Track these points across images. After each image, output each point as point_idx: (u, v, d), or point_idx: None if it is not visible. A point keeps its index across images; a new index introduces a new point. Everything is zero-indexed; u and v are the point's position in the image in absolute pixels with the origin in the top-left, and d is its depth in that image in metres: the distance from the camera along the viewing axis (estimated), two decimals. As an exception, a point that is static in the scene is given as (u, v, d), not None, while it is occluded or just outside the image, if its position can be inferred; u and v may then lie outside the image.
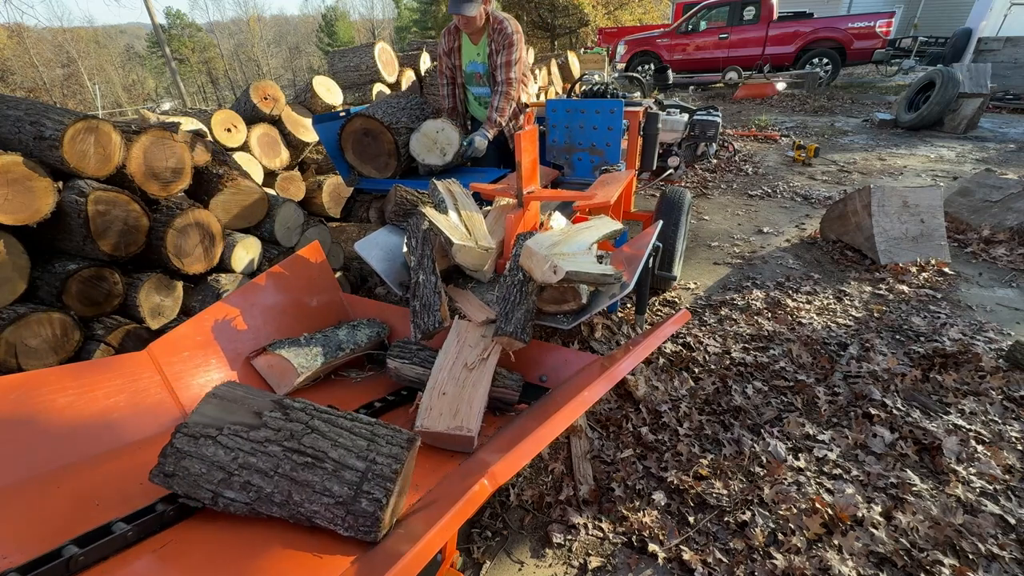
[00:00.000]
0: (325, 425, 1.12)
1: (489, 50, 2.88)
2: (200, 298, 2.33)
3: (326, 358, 1.80)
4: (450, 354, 1.71)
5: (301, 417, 1.13)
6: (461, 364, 1.67)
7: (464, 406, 1.52)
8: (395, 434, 1.13)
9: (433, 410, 1.52)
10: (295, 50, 46.00)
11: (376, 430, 1.13)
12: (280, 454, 1.06)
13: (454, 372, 1.64)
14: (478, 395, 1.55)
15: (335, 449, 1.07)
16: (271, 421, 1.11)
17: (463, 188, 2.29)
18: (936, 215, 3.48)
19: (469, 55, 3.02)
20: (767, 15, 11.11)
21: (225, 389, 1.19)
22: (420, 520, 1.00)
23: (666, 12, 20.14)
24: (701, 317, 2.96)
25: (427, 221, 1.93)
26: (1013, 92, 9.38)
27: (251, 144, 3.36)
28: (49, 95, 26.26)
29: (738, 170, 6.00)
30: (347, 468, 1.04)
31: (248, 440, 1.08)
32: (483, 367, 1.65)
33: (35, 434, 1.22)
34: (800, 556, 1.56)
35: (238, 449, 1.07)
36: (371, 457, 1.06)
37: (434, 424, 1.48)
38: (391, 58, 4.62)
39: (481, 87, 3.11)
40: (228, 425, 1.10)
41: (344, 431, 1.11)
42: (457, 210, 2.09)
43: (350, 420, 1.15)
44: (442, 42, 3.05)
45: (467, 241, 1.93)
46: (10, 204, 1.76)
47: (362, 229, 3.29)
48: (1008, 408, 2.13)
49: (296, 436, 1.08)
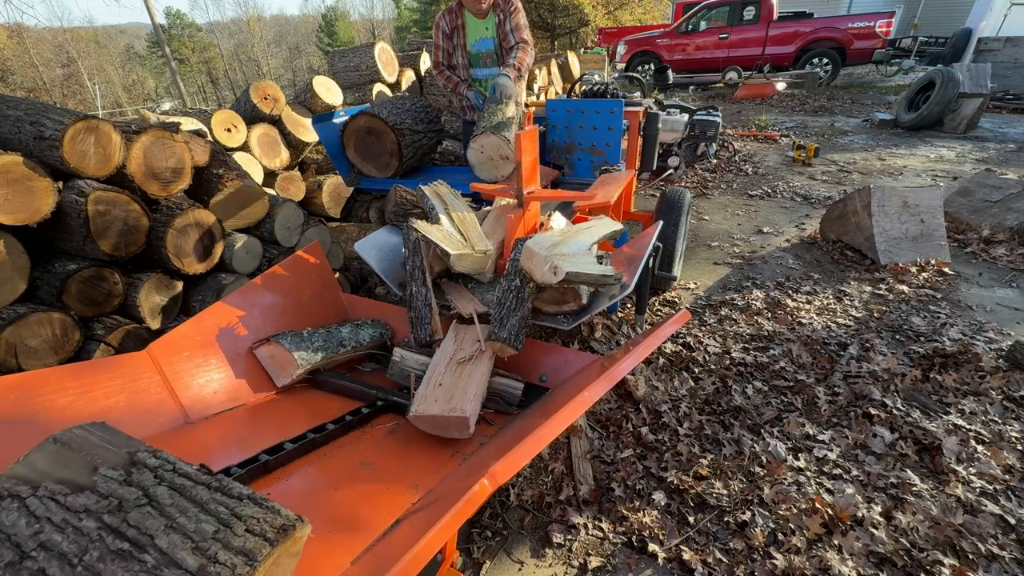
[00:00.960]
0: (171, 495, 0.81)
1: (498, 20, 2.86)
2: (200, 298, 2.33)
3: (327, 353, 1.82)
4: (447, 351, 1.73)
5: (145, 480, 0.82)
6: (457, 360, 1.68)
7: (459, 392, 1.53)
8: (267, 516, 0.80)
9: (428, 398, 1.53)
10: (295, 50, 46.01)
11: (241, 509, 0.80)
12: (94, 532, 0.76)
13: (451, 367, 1.66)
14: (474, 382, 1.57)
15: (166, 534, 0.75)
16: (102, 483, 0.81)
17: (451, 189, 2.27)
18: (936, 215, 3.48)
19: (476, 33, 2.92)
20: (767, 15, 11.10)
21: (79, 433, 0.91)
22: (420, 520, 1.00)
23: (666, 12, 20.13)
24: (701, 317, 2.96)
25: (417, 233, 1.89)
26: (1013, 92, 9.38)
27: (251, 144, 3.36)
28: (49, 95, 26.26)
29: (738, 170, 6.00)
30: (172, 566, 0.72)
31: (63, 507, 0.79)
32: (480, 360, 1.66)
33: (35, 434, 1.22)
34: (800, 556, 1.56)
35: (46, 519, 0.77)
36: (212, 552, 0.74)
37: (428, 408, 1.49)
38: (391, 58, 4.62)
39: (488, 68, 3.01)
40: (49, 483, 0.81)
41: (193, 505, 0.80)
42: (448, 214, 2.07)
43: (211, 490, 0.84)
44: (443, 23, 2.88)
45: (463, 248, 1.92)
46: (10, 204, 1.76)
47: (362, 229, 3.29)
48: (1008, 408, 2.13)
49: (124, 508, 0.78)
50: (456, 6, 2.85)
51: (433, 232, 1.90)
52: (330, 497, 1.25)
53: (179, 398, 1.52)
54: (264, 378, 1.76)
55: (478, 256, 1.94)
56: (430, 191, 2.17)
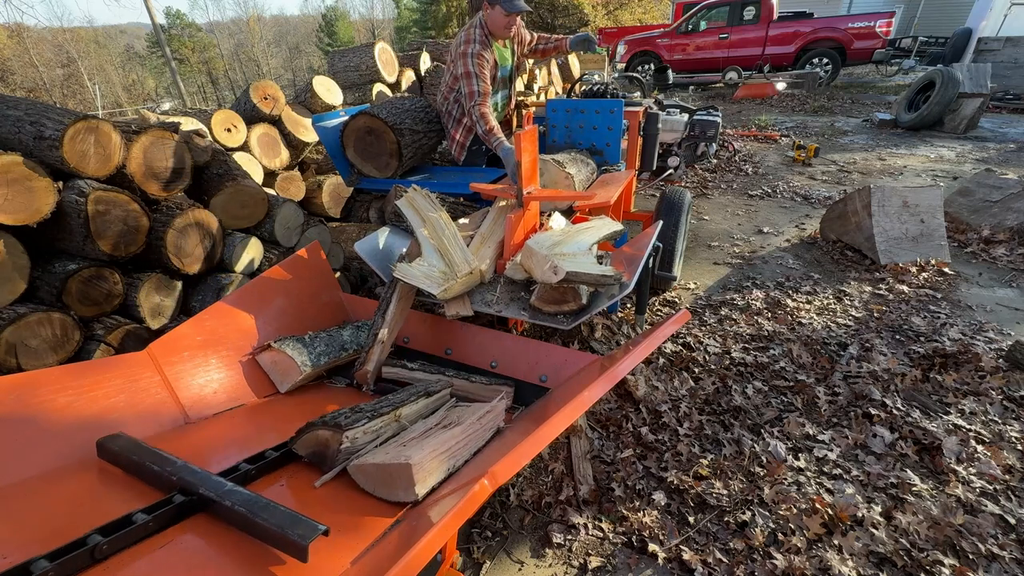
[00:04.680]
0: None
1: (514, 49, 2.96)
2: (200, 298, 2.33)
3: (329, 358, 1.81)
4: None
5: None
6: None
7: (415, 446, 1.27)
8: None
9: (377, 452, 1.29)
10: (295, 50, 46.00)
11: None
12: None
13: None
14: (434, 442, 1.27)
15: None
16: None
17: (426, 194, 2.14)
18: (936, 215, 3.48)
19: (503, 60, 2.92)
20: (767, 15, 11.11)
21: None
22: (420, 520, 1.00)
23: (666, 12, 20.14)
24: (701, 317, 2.96)
25: (399, 280, 1.81)
26: (1013, 92, 9.38)
27: (251, 144, 3.36)
28: (49, 95, 26.26)
29: (738, 170, 6.00)
30: None
31: None
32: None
33: (35, 434, 1.22)
34: (800, 556, 1.56)
35: None
36: None
37: (370, 457, 1.25)
38: (391, 58, 4.61)
39: (500, 91, 3.04)
40: None
41: None
42: (426, 231, 1.96)
43: None
44: (485, 55, 2.73)
45: (447, 281, 1.79)
46: (10, 204, 1.76)
47: (362, 229, 3.29)
48: (1008, 408, 2.13)
49: None
50: (483, 36, 2.74)
51: (413, 275, 1.80)
52: (331, 495, 1.25)
53: (179, 398, 1.52)
54: (264, 378, 1.76)
55: (464, 280, 1.84)
56: (406, 204, 2.09)
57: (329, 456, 1.29)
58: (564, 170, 2.41)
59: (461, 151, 3.07)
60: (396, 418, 1.42)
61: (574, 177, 2.43)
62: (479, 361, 1.90)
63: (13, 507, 1.08)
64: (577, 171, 2.51)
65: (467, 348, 1.94)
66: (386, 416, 1.39)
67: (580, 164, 2.64)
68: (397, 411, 1.43)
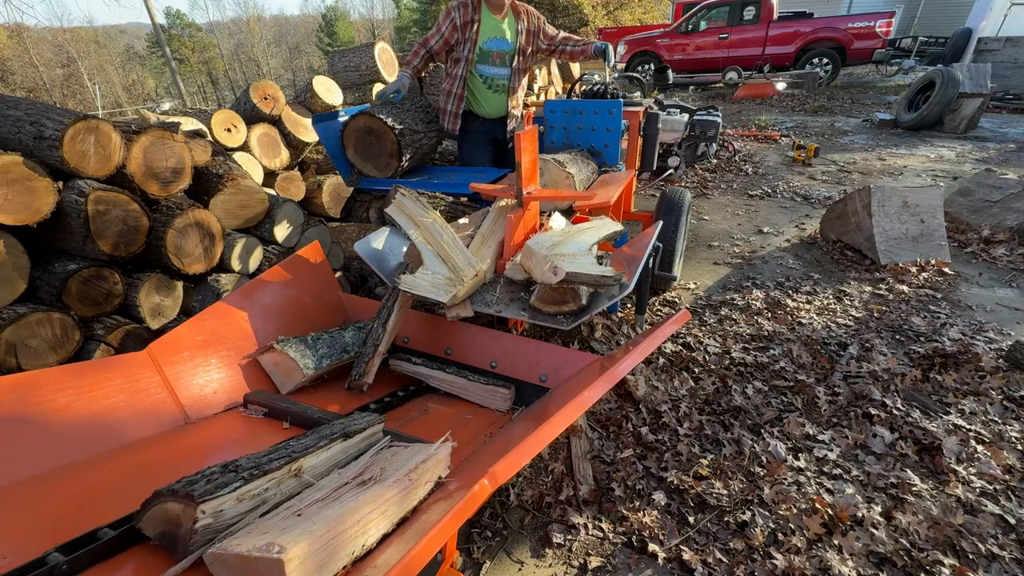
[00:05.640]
0: None
1: (523, 28, 2.94)
2: (200, 298, 2.33)
3: (331, 359, 1.81)
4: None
5: None
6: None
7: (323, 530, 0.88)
8: None
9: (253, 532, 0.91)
10: (295, 50, 46.01)
11: None
12: None
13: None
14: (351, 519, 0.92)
15: None
16: None
17: (416, 197, 2.07)
18: (936, 215, 3.48)
19: (490, 31, 2.88)
20: (767, 15, 11.11)
21: None
22: (420, 520, 1.00)
23: (666, 12, 20.15)
24: (701, 317, 2.96)
25: (406, 292, 1.77)
26: (1013, 92, 9.38)
27: (251, 144, 3.36)
28: (49, 95, 26.27)
29: (738, 170, 6.00)
30: None
31: None
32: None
33: (35, 434, 1.22)
34: (800, 556, 1.56)
35: None
36: None
37: (235, 543, 0.87)
38: (391, 58, 4.61)
39: (496, 67, 2.97)
40: None
41: None
42: (423, 237, 1.92)
43: None
44: (456, 14, 2.80)
45: (454, 287, 1.75)
46: (10, 204, 1.76)
47: (362, 229, 3.29)
48: (1008, 408, 2.13)
49: None
50: (476, 1, 2.84)
51: (420, 286, 1.76)
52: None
53: (179, 398, 1.52)
54: (265, 379, 1.76)
55: (470, 284, 1.81)
56: (396, 211, 2.02)
57: (181, 538, 0.92)
58: (564, 170, 2.41)
59: (455, 121, 3.09)
60: (295, 473, 1.07)
61: (574, 177, 2.43)
62: (479, 361, 1.90)
63: (13, 507, 1.08)
64: (578, 171, 2.51)
65: (467, 348, 1.94)
66: (277, 473, 1.03)
67: (581, 164, 2.64)
68: (295, 463, 1.06)
